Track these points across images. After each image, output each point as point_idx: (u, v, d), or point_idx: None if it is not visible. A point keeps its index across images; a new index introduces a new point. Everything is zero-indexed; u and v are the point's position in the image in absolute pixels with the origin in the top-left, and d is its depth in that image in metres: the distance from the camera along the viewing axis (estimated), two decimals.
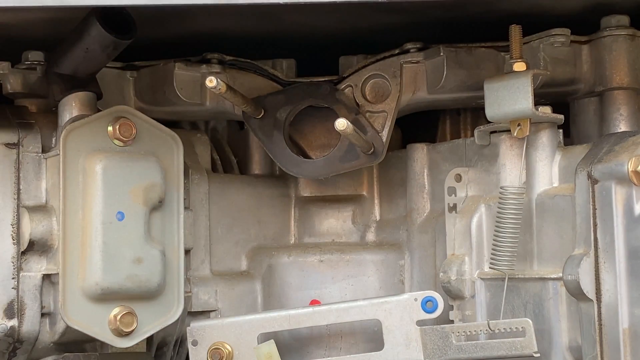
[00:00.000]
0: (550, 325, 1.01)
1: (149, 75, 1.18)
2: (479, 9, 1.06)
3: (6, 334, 1.06)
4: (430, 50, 1.13)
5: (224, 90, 1.03)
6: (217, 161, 1.28)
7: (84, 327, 1.06)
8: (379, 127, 1.13)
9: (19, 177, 1.08)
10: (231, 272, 1.22)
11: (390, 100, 1.15)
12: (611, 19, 1.10)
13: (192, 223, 1.17)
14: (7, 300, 1.06)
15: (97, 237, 1.05)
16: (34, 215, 1.07)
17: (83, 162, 1.06)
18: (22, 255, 1.07)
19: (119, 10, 0.99)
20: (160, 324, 1.10)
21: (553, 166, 1.05)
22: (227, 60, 1.18)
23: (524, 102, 1.01)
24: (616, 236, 0.94)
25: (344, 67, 1.19)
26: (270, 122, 1.15)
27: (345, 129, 1.01)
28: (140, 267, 1.07)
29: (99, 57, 1.04)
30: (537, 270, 1.03)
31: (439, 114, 1.29)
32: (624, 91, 1.12)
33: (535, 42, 1.10)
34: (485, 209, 1.08)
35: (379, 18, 1.09)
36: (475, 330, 1.01)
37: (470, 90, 1.12)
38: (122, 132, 1.07)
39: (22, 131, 1.09)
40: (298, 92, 1.15)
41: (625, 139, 0.97)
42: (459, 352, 1.01)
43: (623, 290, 0.94)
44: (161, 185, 1.09)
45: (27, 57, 1.13)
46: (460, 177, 1.11)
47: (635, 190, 0.93)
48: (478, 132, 1.09)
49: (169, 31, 1.12)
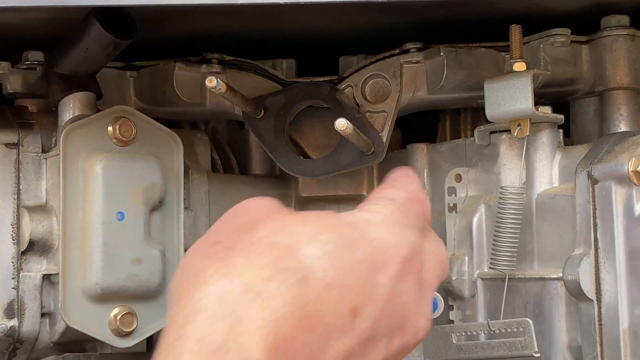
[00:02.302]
0: (550, 325, 1.01)
1: (149, 75, 1.18)
2: (479, 9, 1.06)
3: (6, 334, 1.06)
4: (430, 50, 1.13)
5: (224, 90, 1.03)
6: (217, 161, 1.28)
7: (84, 327, 1.06)
8: (379, 127, 1.13)
9: (18, 177, 1.08)
10: None
11: (390, 100, 1.14)
12: (611, 19, 1.10)
13: (192, 223, 1.16)
14: (7, 300, 1.06)
15: (97, 237, 1.05)
16: (34, 215, 1.07)
17: (83, 162, 1.06)
18: (22, 255, 1.07)
19: (119, 10, 0.99)
20: (160, 324, 1.10)
21: (553, 166, 1.05)
22: (227, 60, 1.18)
23: (524, 102, 1.01)
24: (616, 236, 0.94)
25: (344, 67, 1.19)
26: (270, 122, 1.15)
27: (345, 129, 1.01)
28: (140, 267, 1.07)
29: (99, 57, 1.04)
30: (537, 270, 1.03)
31: (439, 114, 1.29)
32: (624, 91, 1.11)
33: (535, 42, 1.10)
34: (485, 209, 1.08)
35: (379, 18, 1.09)
36: (475, 330, 1.01)
37: (470, 90, 1.12)
38: (122, 132, 1.07)
39: (22, 131, 1.09)
40: (298, 92, 1.15)
41: (625, 139, 0.97)
42: (459, 352, 1.01)
43: (623, 290, 0.94)
44: (161, 185, 1.09)
45: (27, 57, 1.13)
46: (460, 177, 1.11)
47: (635, 190, 0.93)
48: (478, 132, 1.09)
49: (169, 31, 1.12)
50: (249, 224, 0.73)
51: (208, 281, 0.68)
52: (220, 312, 0.66)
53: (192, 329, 0.66)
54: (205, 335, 0.65)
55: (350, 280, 0.70)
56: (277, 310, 0.66)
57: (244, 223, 0.73)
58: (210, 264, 0.69)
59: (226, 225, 0.75)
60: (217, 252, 0.70)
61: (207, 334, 0.65)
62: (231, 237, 0.72)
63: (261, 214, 0.74)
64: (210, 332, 0.65)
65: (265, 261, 0.68)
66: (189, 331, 0.66)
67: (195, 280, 0.69)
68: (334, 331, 0.69)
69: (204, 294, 0.67)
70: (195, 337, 0.65)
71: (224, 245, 0.71)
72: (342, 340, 0.70)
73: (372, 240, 0.73)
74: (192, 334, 0.66)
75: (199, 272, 0.69)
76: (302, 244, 0.70)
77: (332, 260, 0.70)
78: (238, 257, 0.69)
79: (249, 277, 0.67)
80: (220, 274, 0.68)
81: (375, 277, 0.72)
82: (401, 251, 0.75)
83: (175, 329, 0.67)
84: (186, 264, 0.72)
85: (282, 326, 0.66)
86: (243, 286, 0.67)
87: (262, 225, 0.72)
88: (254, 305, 0.66)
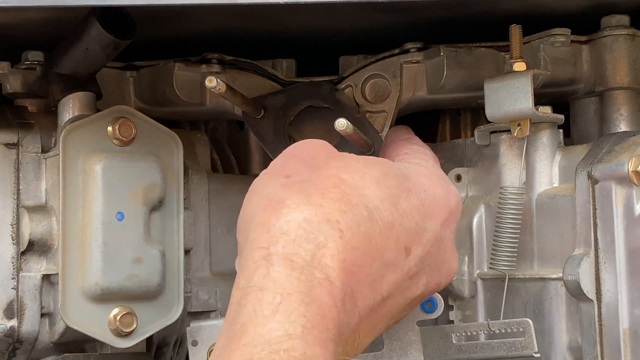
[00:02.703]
0: (550, 325, 1.01)
1: (149, 75, 1.18)
2: (479, 9, 1.06)
3: (6, 334, 1.06)
4: (430, 50, 1.13)
5: (223, 90, 1.03)
6: (217, 161, 1.28)
7: (84, 327, 1.05)
8: (379, 127, 1.13)
9: (18, 177, 1.08)
10: (231, 272, 1.20)
11: (390, 100, 1.14)
12: (611, 19, 1.10)
13: (192, 223, 1.16)
14: (6, 300, 1.06)
15: (97, 237, 1.05)
16: (33, 216, 1.07)
17: (83, 162, 1.06)
18: (21, 256, 1.07)
19: (119, 10, 0.99)
20: (160, 324, 1.10)
21: (553, 166, 1.05)
22: (227, 60, 1.18)
23: (524, 102, 1.01)
24: (616, 236, 0.94)
25: (344, 67, 1.19)
26: (270, 122, 1.15)
27: (345, 129, 1.01)
28: (140, 267, 1.07)
29: (98, 57, 1.04)
30: (537, 271, 1.03)
31: (439, 114, 1.29)
32: (624, 91, 1.11)
33: (535, 42, 1.10)
34: (485, 209, 1.08)
35: (379, 18, 1.09)
36: (475, 330, 1.01)
37: (470, 90, 1.12)
38: (122, 132, 1.07)
39: (21, 131, 1.09)
40: (298, 92, 1.15)
41: (625, 139, 0.97)
42: (459, 352, 1.01)
43: (623, 290, 0.94)
44: (161, 186, 1.09)
45: (27, 57, 1.13)
46: (460, 177, 1.11)
47: (636, 190, 0.93)
48: (478, 132, 1.09)
49: (169, 31, 1.12)
50: (314, 161, 0.82)
51: (290, 208, 0.76)
52: (304, 236, 0.74)
53: (278, 249, 0.73)
54: (291, 254, 0.73)
55: (406, 223, 0.81)
56: (351, 240, 0.75)
57: (308, 160, 0.82)
58: (289, 194, 0.77)
59: (292, 161, 0.82)
60: (293, 184, 0.78)
61: (293, 254, 0.73)
62: (302, 172, 0.80)
63: (323, 153, 0.83)
64: (296, 252, 0.73)
65: (338, 195, 0.77)
66: (276, 251, 0.73)
67: (278, 207, 0.76)
68: (390, 265, 0.79)
69: (288, 220, 0.75)
70: (282, 255, 0.73)
71: (297, 178, 0.79)
72: (395, 274, 0.80)
73: (424, 190, 0.84)
74: (279, 253, 0.73)
75: (279, 201, 0.77)
76: (368, 185, 0.80)
77: (393, 204, 0.80)
78: (313, 190, 0.77)
79: (327, 209, 0.76)
80: (301, 203, 0.76)
81: (425, 223, 0.83)
82: (448, 202, 0.87)
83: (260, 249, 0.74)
84: (262, 191, 0.80)
85: (354, 254, 0.75)
86: (323, 215, 0.75)
87: (330, 163, 0.81)
88: (332, 233, 0.75)
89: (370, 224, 0.78)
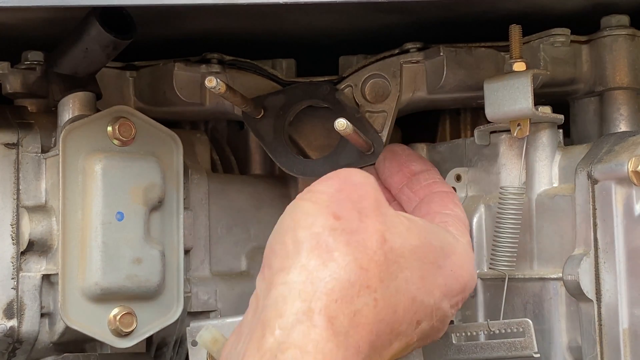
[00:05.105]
0: (550, 325, 1.01)
1: (149, 75, 1.18)
2: (479, 9, 1.06)
3: (6, 334, 1.06)
4: (430, 50, 1.13)
5: (223, 90, 1.03)
6: (217, 161, 1.28)
7: (84, 327, 1.05)
8: (379, 127, 1.13)
9: (18, 177, 1.08)
10: (231, 272, 1.21)
11: (390, 100, 1.14)
12: (611, 19, 1.10)
13: (192, 223, 1.16)
14: (6, 300, 1.06)
15: (97, 237, 1.05)
16: (33, 216, 1.07)
17: (82, 162, 1.06)
18: (21, 256, 1.07)
19: (119, 10, 0.99)
20: (160, 324, 1.10)
21: (553, 166, 1.05)
22: (227, 60, 1.18)
23: (524, 102, 1.01)
24: (616, 236, 0.94)
25: (343, 67, 1.19)
26: (270, 122, 1.15)
27: (345, 129, 1.01)
28: (139, 267, 1.07)
29: (98, 57, 1.04)
30: (537, 270, 1.03)
31: (439, 114, 1.29)
32: (624, 91, 1.11)
33: (535, 42, 1.10)
34: (485, 209, 1.08)
35: (379, 18, 1.09)
36: (475, 330, 1.01)
37: (470, 90, 1.12)
38: (122, 132, 1.07)
39: (21, 131, 1.09)
40: (298, 92, 1.15)
41: (625, 139, 0.97)
42: (459, 352, 1.01)
43: (623, 290, 0.94)
44: (161, 185, 1.09)
45: (27, 57, 1.13)
46: (460, 177, 1.11)
47: (635, 190, 0.93)
48: (478, 132, 1.09)
49: (169, 31, 1.12)
50: (362, 203, 0.82)
51: (338, 263, 0.78)
52: (346, 299, 0.77)
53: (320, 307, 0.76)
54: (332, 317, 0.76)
55: (426, 300, 0.86)
56: (381, 312, 0.80)
57: (357, 201, 0.82)
58: (337, 245, 0.79)
59: (341, 197, 0.83)
60: (342, 231, 0.80)
61: (333, 317, 0.77)
62: (351, 217, 0.81)
63: (372, 197, 0.84)
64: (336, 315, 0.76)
65: (381, 259, 0.80)
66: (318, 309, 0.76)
67: (325, 257, 0.79)
68: (400, 335, 0.84)
69: (334, 277, 0.77)
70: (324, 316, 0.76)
71: (346, 225, 0.80)
72: (400, 343, 0.85)
73: (452, 270, 0.89)
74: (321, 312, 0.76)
75: (327, 249, 0.79)
76: (406, 254, 0.83)
77: (422, 279, 0.85)
78: (362, 248, 0.80)
79: (370, 274, 0.79)
80: (350, 261, 0.78)
81: (442, 302, 0.88)
82: (466, 287, 0.92)
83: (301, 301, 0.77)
84: (309, 228, 0.80)
85: (380, 327, 0.80)
86: (365, 281, 0.78)
87: (378, 214, 0.82)
88: (368, 302, 0.79)
89: (398, 296, 0.82)
